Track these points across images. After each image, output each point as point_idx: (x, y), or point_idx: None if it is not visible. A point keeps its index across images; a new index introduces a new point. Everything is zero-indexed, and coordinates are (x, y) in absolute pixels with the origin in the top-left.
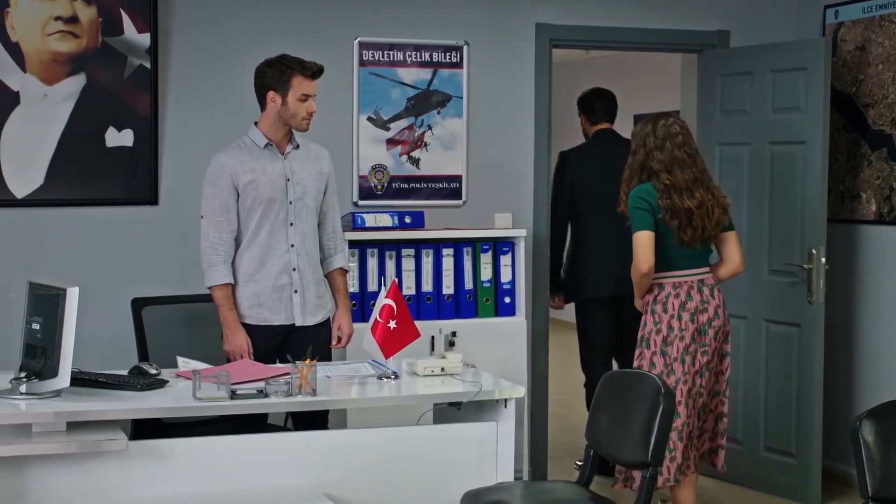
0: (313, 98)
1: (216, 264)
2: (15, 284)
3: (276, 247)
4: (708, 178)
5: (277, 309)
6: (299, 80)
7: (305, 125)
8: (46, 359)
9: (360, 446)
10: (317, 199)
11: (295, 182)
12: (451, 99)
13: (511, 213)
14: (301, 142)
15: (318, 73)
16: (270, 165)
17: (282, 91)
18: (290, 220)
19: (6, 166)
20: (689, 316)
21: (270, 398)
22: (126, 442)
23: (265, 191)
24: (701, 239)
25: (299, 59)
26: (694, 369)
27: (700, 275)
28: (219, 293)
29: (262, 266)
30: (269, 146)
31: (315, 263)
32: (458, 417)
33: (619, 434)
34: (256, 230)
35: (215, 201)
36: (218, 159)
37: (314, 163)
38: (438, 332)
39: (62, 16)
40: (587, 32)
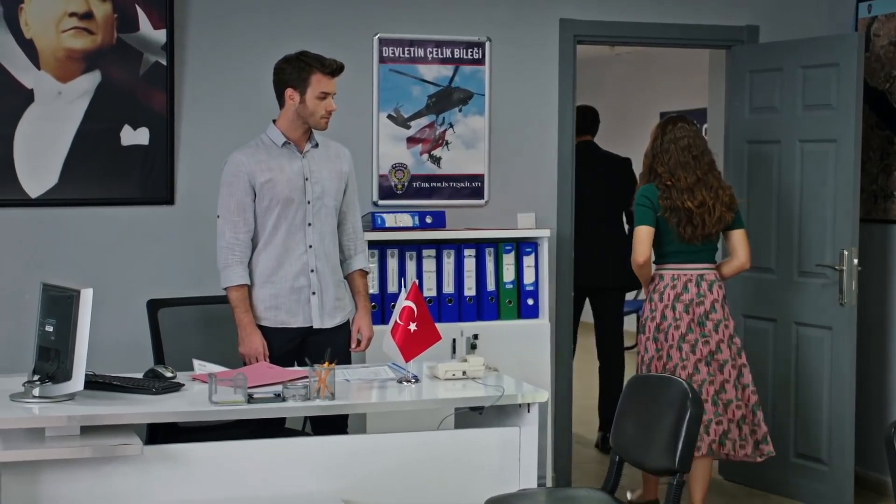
0: (333, 96)
1: (232, 265)
2: (29, 285)
3: (294, 247)
4: (714, 178)
5: (295, 311)
6: (318, 77)
7: (324, 124)
8: (60, 361)
9: (380, 452)
10: (336, 199)
11: (313, 181)
12: (472, 96)
13: (534, 212)
14: (321, 140)
15: (337, 71)
16: (288, 164)
17: (300, 88)
18: (308, 220)
19: (20, 165)
20: (683, 307)
21: (288, 402)
22: (141, 447)
23: (283, 190)
24: (702, 236)
25: (319, 56)
26: (695, 357)
27: (701, 270)
28: (234, 295)
29: (280, 267)
30: (288, 145)
31: (334, 264)
32: (479, 422)
33: (645, 440)
34: (274, 230)
35: (231, 201)
36: (234, 158)
37: (334, 162)
38: (460, 334)
39: (77, 12)
40: (612, 28)
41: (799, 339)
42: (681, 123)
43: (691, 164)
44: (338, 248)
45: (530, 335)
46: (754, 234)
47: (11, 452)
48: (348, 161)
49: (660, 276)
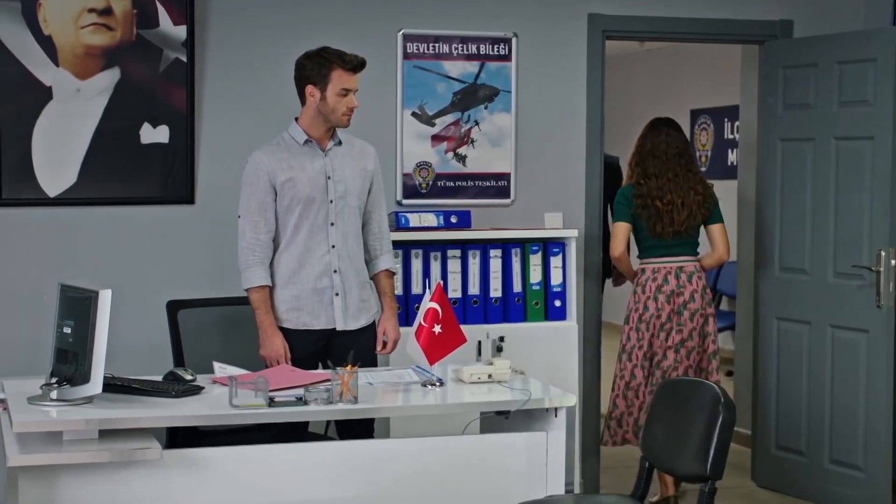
0: (354, 93)
1: (252, 266)
2: (47, 286)
3: (316, 248)
4: (688, 178)
5: (317, 313)
6: (339, 73)
7: (346, 121)
8: (78, 364)
9: (404, 457)
10: (360, 198)
11: (336, 180)
12: (499, 93)
13: (562, 212)
14: (345, 138)
15: (359, 67)
16: (310, 163)
17: (321, 85)
18: (330, 219)
19: (38, 164)
20: (665, 298)
21: (310, 406)
22: (160, 451)
23: (303, 189)
24: (672, 232)
25: (340, 52)
26: (666, 344)
27: (680, 262)
28: (255, 296)
29: (302, 268)
30: (309, 143)
31: (358, 265)
32: (506, 427)
33: (675, 445)
34: (295, 230)
35: (252, 200)
36: (255, 157)
37: (358, 160)
38: (485, 337)
39: (96, 8)
40: (642, 23)
41: (834, 343)
42: (663, 126)
43: (663, 165)
44: (363, 248)
45: (557, 337)
46: (788, 234)
47: (29, 456)
48: (373, 159)
49: (642, 270)
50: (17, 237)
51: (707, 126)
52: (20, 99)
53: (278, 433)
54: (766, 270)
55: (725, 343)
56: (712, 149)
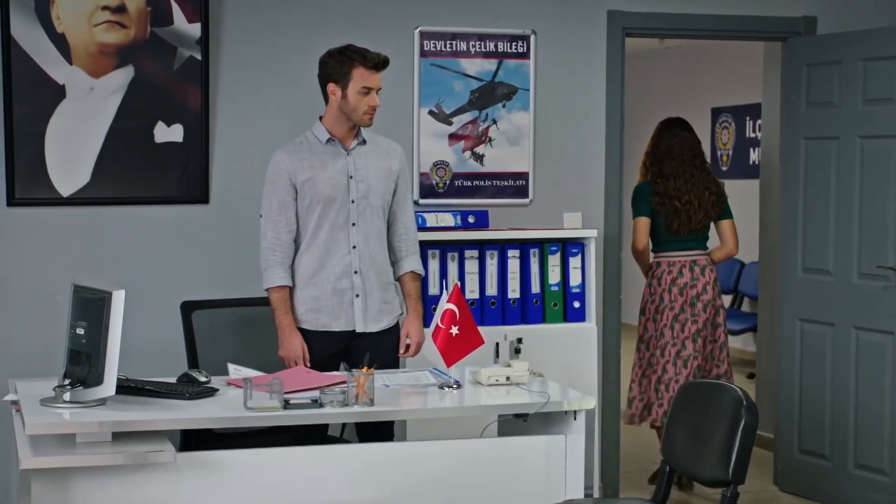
0: (377, 92)
1: (273, 266)
2: (60, 287)
3: (337, 248)
4: (701, 179)
5: (337, 314)
6: (360, 71)
7: (367, 120)
8: (91, 365)
9: (420, 460)
10: (383, 198)
11: (358, 180)
12: (517, 91)
13: (581, 212)
14: (370, 137)
15: (381, 65)
16: (332, 162)
17: (342, 83)
18: (351, 219)
19: (51, 163)
20: (679, 290)
21: (325, 408)
22: (174, 453)
23: (324, 189)
24: (688, 230)
25: (362, 50)
26: (683, 335)
27: (693, 256)
28: (274, 296)
29: (322, 268)
30: (332, 142)
31: (381, 266)
32: (524, 430)
33: (696, 449)
34: (316, 230)
35: (273, 200)
36: (276, 156)
37: (383, 159)
38: (503, 338)
39: (109, 5)
40: (662, 20)
41: (859, 345)
42: (675, 128)
43: (679, 167)
44: (386, 249)
45: (577, 339)
46: (811, 234)
47: (42, 459)
48: (399, 158)
49: (657, 264)
50: (30, 237)
51: (728, 125)
52: (33, 97)
53: (296, 435)
54: (788, 271)
55: (747, 345)
56: (733, 148)
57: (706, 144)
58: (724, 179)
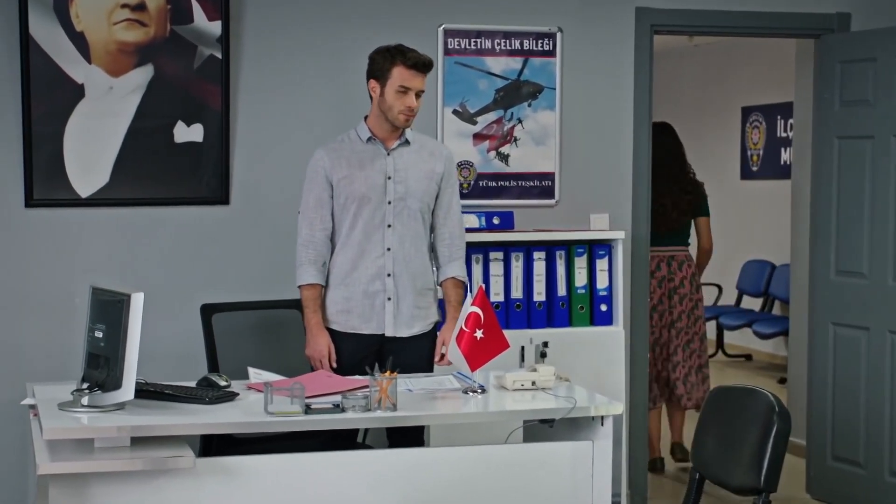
0: (418, 94)
1: (304, 263)
2: (78, 289)
3: (371, 250)
4: (681, 180)
5: (368, 317)
6: (399, 69)
7: (402, 120)
8: (109, 369)
9: (444, 466)
10: (423, 201)
11: (397, 181)
12: (542, 90)
13: (608, 213)
14: (416, 138)
15: (420, 66)
16: (370, 161)
17: (381, 80)
18: (387, 221)
19: (70, 164)
20: (657, 282)
21: (347, 413)
22: (193, 459)
23: (359, 188)
24: (666, 228)
25: (404, 49)
26: (661, 324)
27: (672, 252)
28: (304, 293)
29: (355, 269)
30: (373, 141)
31: (416, 270)
32: (550, 436)
33: (727, 456)
34: (350, 230)
35: (310, 196)
36: (316, 153)
37: (426, 162)
38: (529, 342)
39: (129, 3)
40: (692, 17)
41: (894, 349)
42: (657, 134)
43: (657, 170)
44: (425, 253)
45: (604, 343)
46: (844, 236)
47: (59, 464)
48: (444, 161)
49: None
50: (48, 239)
51: (759, 124)
52: (52, 97)
53: (323, 441)
54: (821, 274)
55: (778, 349)
56: (764, 148)
57: (736, 144)
58: (755, 180)
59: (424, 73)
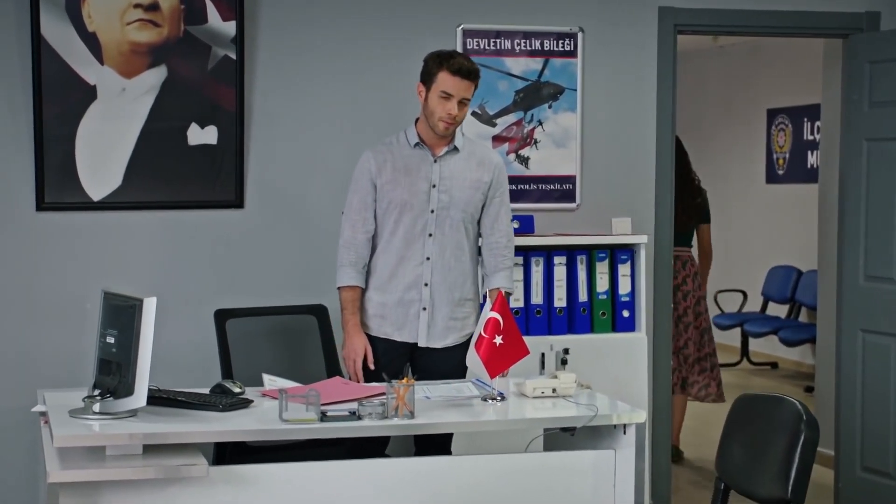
0: (462, 102)
1: (345, 265)
2: (90, 294)
3: (411, 257)
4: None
5: (401, 325)
6: (444, 74)
7: (442, 127)
8: (121, 375)
9: (463, 475)
10: (465, 211)
11: (441, 189)
12: (563, 91)
13: (630, 217)
14: (466, 145)
15: (464, 73)
16: (416, 167)
17: (427, 84)
18: (428, 230)
19: (82, 166)
20: None
21: (364, 420)
22: (207, 467)
23: (402, 194)
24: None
25: (452, 54)
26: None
27: (677, 252)
28: (343, 295)
29: (393, 276)
30: (420, 146)
31: (455, 281)
32: (571, 444)
33: (753, 466)
34: (391, 236)
35: (355, 198)
36: (364, 155)
37: (474, 170)
38: (549, 349)
39: (142, 3)
40: (716, 16)
41: None
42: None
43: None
44: (466, 263)
45: (626, 350)
46: (873, 241)
47: (70, 472)
48: (493, 170)
49: None
50: (59, 243)
51: (785, 126)
52: (63, 98)
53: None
54: (849, 280)
55: (805, 357)
56: (790, 151)
57: (761, 147)
58: (781, 184)
59: (470, 80)
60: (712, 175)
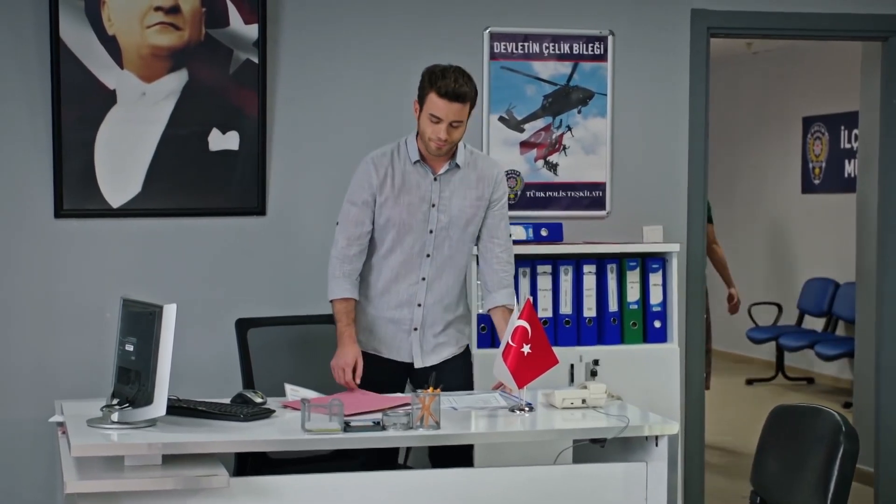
0: (453, 126)
1: (338, 277)
2: (109, 303)
3: (406, 276)
4: None
5: (389, 343)
6: (432, 97)
7: (434, 148)
8: (141, 384)
9: (489, 487)
10: (465, 230)
11: (441, 209)
12: (593, 96)
13: (662, 225)
14: (468, 160)
15: (451, 96)
16: (416, 186)
17: (420, 103)
18: (426, 250)
19: (101, 172)
20: None
21: (388, 431)
22: (227, 478)
23: (400, 214)
24: None
25: (442, 74)
26: None
27: None
28: (337, 306)
29: (386, 292)
30: (420, 163)
31: (450, 302)
32: (601, 456)
33: (790, 479)
34: (388, 253)
35: (352, 210)
36: (366, 165)
37: (474, 187)
38: (578, 360)
39: (162, 6)
40: (751, 18)
41: None
42: None
43: None
44: (462, 282)
45: (657, 361)
46: None
47: (88, 482)
48: (493, 184)
49: None
50: (78, 251)
51: (821, 135)
52: (82, 103)
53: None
54: (889, 292)
55: (842, 372)
56: (827, 160)
57: (797, 156)
58: (817, 194)
59: (460, 103)
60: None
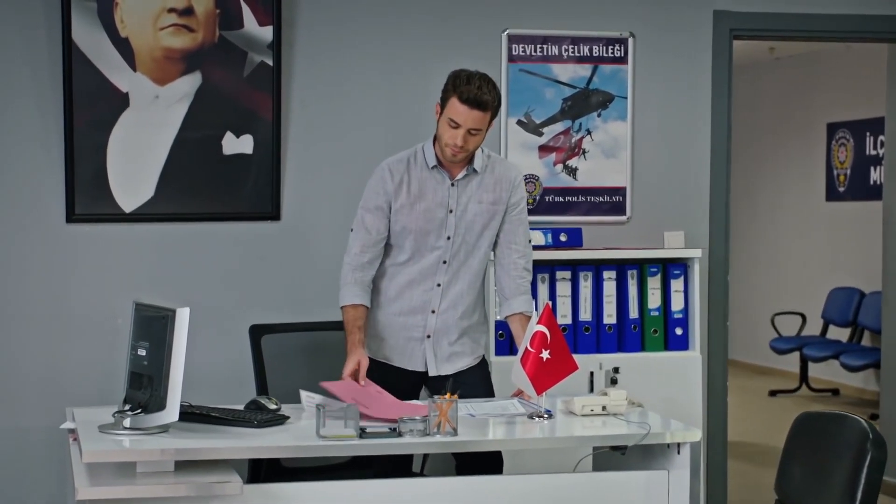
0: (472, 133)
1: (350, 283)
2: (122, 308)
3: (422, 282)
4: None
5: (401, 350)
6: (453, 101)
7: (449, 153)
8: (153, 389)
9: (508, 495)
10: (482, 236)
11: (458, 215)
12: (613, 99)
13: (683, 230)
14: (486, 165)
15: (472, 102)
16: (432, 192)
17: (442, 107)
18: (443, 257)
19: (114, 176)
20: None
21: (405, 437)
22: (241, 485)
23: (417, 221)
24: None
25: (467, 79)
26: None
27: None
28: (347, 313)
29: (399, 297)
30: (437, 168)
31: (466, 309)
32: (622, 464)
33: (816, 487)
34: (404, 260)
35: (367, 216)
36: (381, 171)
37: (490, 192)
38: (598, 367)
39: (176, 8)
40: (774, 20)
41: None
42: None
43: None
44: (478, 289)
45: (679, 369)
46: None
47: (100, 489)
48: (511, 189)
49: None
50: (90, 255)
51: (846, 141)
52: (95, 106)
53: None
54: None
55: (868, 383)
56: (852, 167)
57: (821, 163)
58: (841, 201)
59: (481, 111)
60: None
